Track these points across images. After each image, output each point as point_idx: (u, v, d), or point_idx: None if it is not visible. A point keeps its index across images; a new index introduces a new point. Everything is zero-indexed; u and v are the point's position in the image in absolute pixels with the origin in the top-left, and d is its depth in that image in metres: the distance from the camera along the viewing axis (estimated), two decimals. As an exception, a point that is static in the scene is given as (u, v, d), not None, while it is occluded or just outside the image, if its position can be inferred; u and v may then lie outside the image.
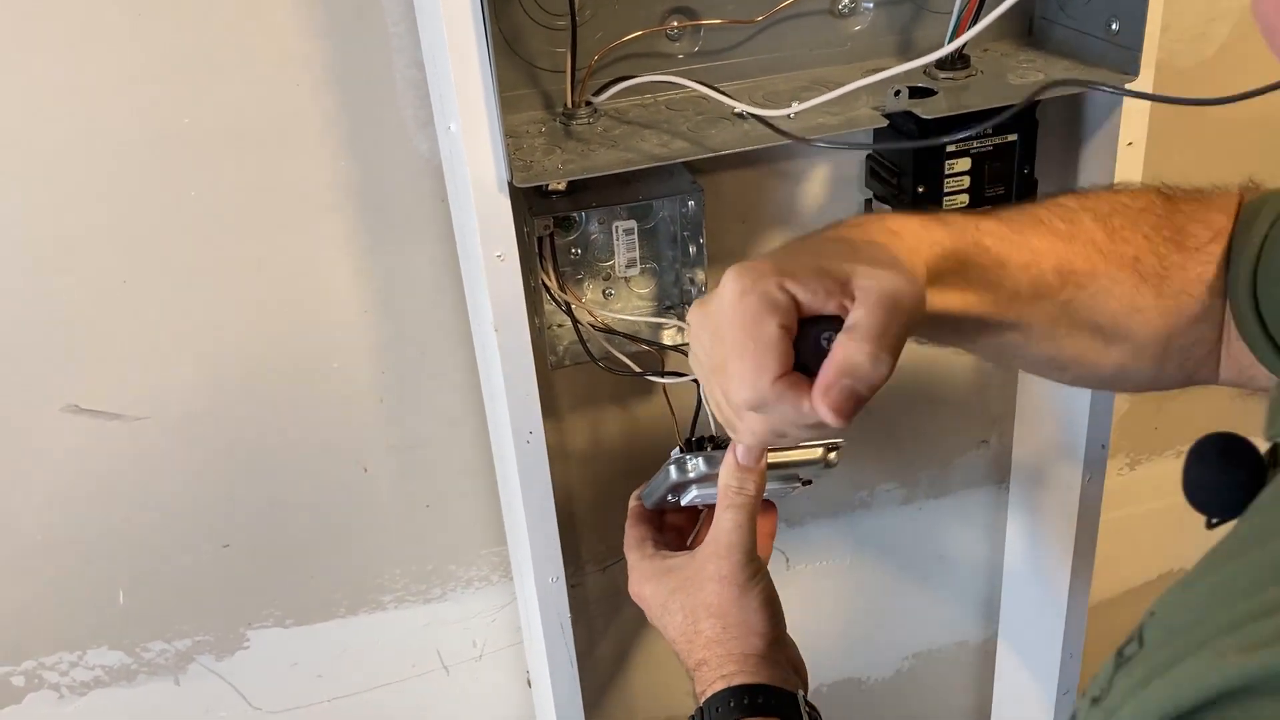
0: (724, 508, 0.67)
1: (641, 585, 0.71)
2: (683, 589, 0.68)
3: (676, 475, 0.70)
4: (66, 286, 0.75)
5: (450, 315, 0.83)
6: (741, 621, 0.66)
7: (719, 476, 0.67)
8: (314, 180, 0.76)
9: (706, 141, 0.68)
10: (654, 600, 0.70)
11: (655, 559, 0.71)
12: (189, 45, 0.70)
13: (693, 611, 0.67)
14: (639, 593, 0.72)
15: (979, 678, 1.18)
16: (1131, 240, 0.63)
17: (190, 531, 0.85)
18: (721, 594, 0.66)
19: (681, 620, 0.68)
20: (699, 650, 0.67)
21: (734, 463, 0.66)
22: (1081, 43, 0.76)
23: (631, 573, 0.73)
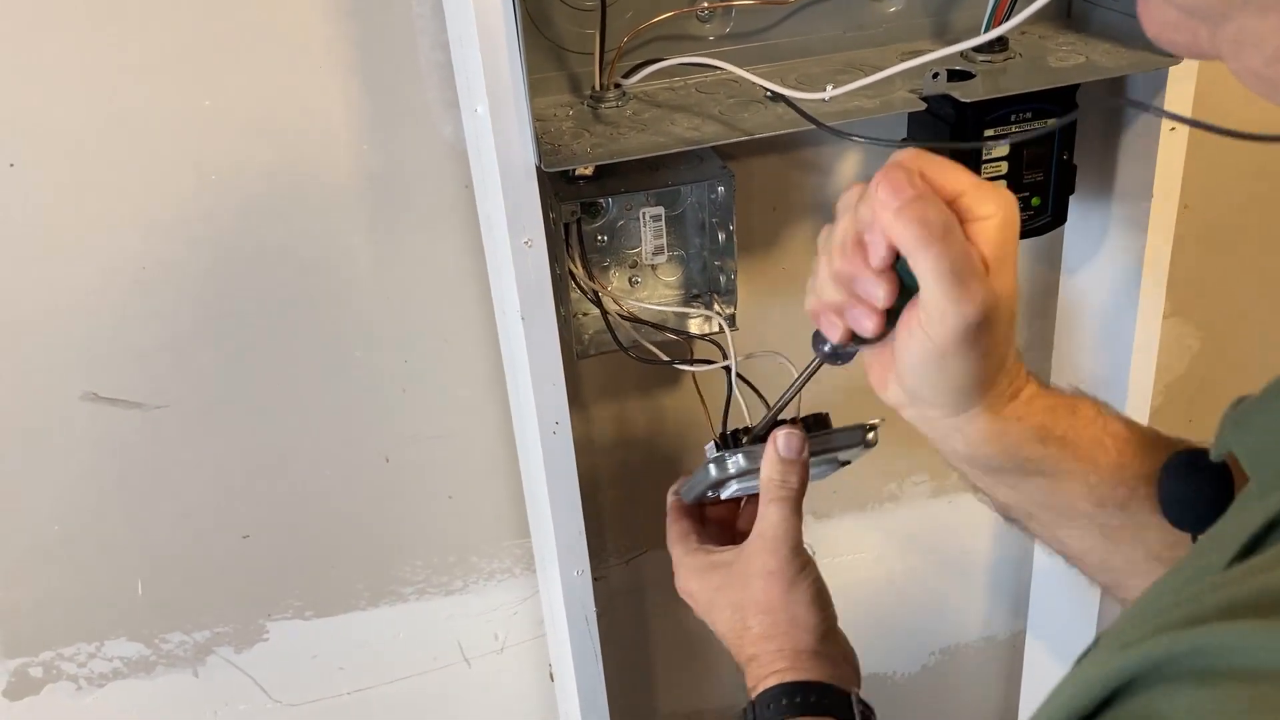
0: (768, 501, 0.65)
1: (688, 581, 0.70)
2: (730, 585, 0.67)
3: (716, 473, 0.68)
4: (85, 272, 0.74)
5: (474, 303, 0.81)
6: (790, 617, 0.65)
7: (761, 470, 0.65)
8: (336, 164, 0.75)
9: (739, 125, 0.67)
10: (701, 596, 0.69)
11: (700, 554, 0.70)
12: (210, 28, 0.69)
13: (741, 608, 0.66)
14: (686, 589, 0.70)
15: (1007, 673, 1.16)
16: None
17: (209, 522, 0.84)
18: (769, 589, 0.65)
19: (730, 616, 0.67)
20: (749, 646, 0.66)
21: (775, 455, 0.65)
22: (1123, 25, 0.74)
23: (677, 569, 0.71)
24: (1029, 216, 0.79)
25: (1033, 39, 0.77)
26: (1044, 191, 0.78)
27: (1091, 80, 0.71)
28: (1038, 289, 0.95)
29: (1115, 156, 0.81)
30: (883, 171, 0.54)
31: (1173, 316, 1.01)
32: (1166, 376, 1.05)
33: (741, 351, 0.87)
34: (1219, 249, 1.00)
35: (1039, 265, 0.93)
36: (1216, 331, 1.04)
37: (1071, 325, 0.92)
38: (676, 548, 0.72)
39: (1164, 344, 0.94)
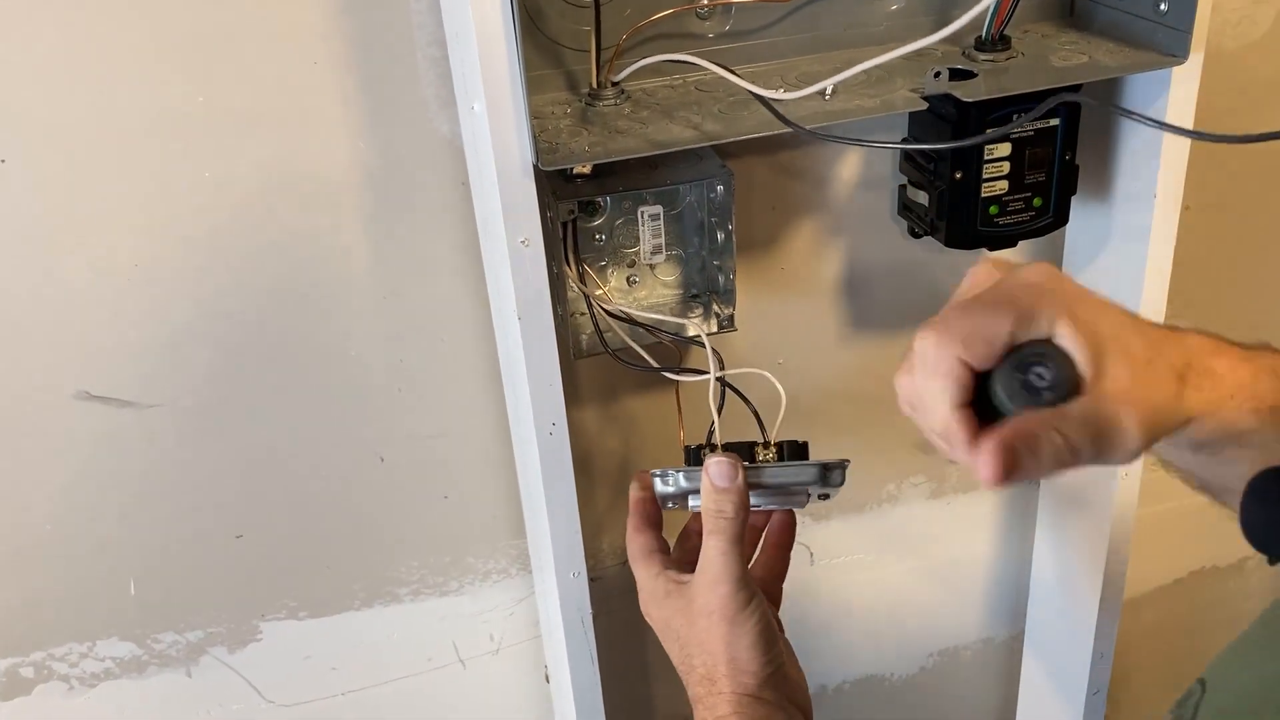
0: (708, 533, 0.64)
1: (647, 605, 0.68)
2: (678, 618, 0.65)
3: (660, 488, 0.67)
4: (78, 269, 0.73)
5: (470, 302, 0.81)
6: (731, 659, 0.63)
7: (702, 501, 0.64)
8: (332, 162, 0.74)
9: (738, 124, 0.66)
10: (658, 624, 0.67)
11: (660, 579, 0.68)
12: (204, 22, 0.68)
13: (685, 645, 0.65)
14: (646, 612, 0.69)
15: (1004, 676, 1.16)
16: None
17: (203, 521, 0.84)
18: (711, 630, 0.63)
19: (678, 651, 0.65)
20: (693, 685, 0.64)
21: (709, 484, 0.63)
22: (1127, 24, 0.74)
23: (640, 590, 0.69)
24: (1031, 217, 0.78)
25: (1035, 38, 0.76)
26: (1046, 192, 0.78)
27: (1095, 80, 0.71)
28: (1038, 290, 0.94)
29: (1118, 157, 0.80)
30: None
31: (1175, 318, 1.01)
32: (1167, 378, 1.04)
33: (739, 352, 0.87)
34: (1221, 251, 0.99)
35: (1040, 266, 0.93)
36: (1218, 333, 1.04)
37: (1072, 326, 0.92)
38: (638, 566, 0.69)
39: (1165, 346, 0.93)
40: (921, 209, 0.80)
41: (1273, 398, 0.54)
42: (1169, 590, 1.20)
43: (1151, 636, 1.21)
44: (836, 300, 0.89)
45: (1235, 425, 0.54)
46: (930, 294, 0.91)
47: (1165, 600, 1.20)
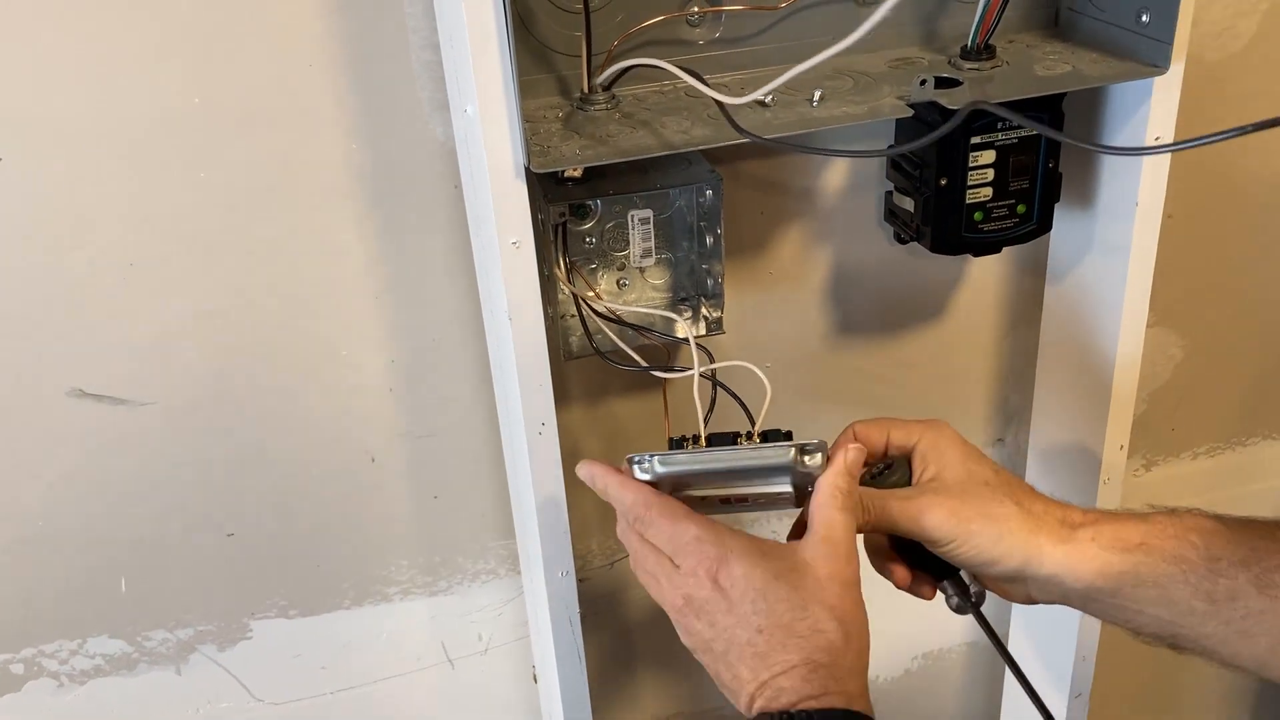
0: (838, 510, 0.61)
1: (729, 561, 0.59)
2: (791, 577, 0.59)
3: (637, 474, 0.65)
4: (73, 268, 0.73)
5: (462, 303, 0.81)
6: (862, 635, 0.60)
7: (827, 477, 0.63)
8: (326, 163, 0.75)
9: (725, 131, 0.67)
10: (747, 580, 0.59)
11: (739, 534, 0.61)
12: (200, 23, 0.69)
13: (805, 607, 0.58)
14: (726, 570, 0.59)
15: (988, 679, 1.17)
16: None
17: (194, 519, 0.84)
18: (845, 599, 0.59)
19: (786, 611, 0.58)
20: (808, 650, 0.58)
21: (847, 467, 0.63)
22: (1110, 34, 0.75)
23: (701, 546, 0.60)
24: (1015, 224, 0.79)
25: (1020, 47, 0.77)
26: (1030, 199, 0.79)
27: (1078, 89, 0.72)
28: (1023, 296, 0.95)
29: (1100, 165, 0.81)
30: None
31: (1156, 325, 1.02)
32: (1150, 385, 1.06)
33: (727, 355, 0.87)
34: (1202, 258, 1.00)
35: (1024, 273, 0.94)
36: (1199, 341, 1.05)
37: (1056, 333, 0.93)
38: (690, 520, 0.62)
39: (1148, 353, 0.94)
40: (907, 215, 0.81)
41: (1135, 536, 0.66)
42: (1151, 595, 1.21)
43: (1133, 640, 1.22)
44: (824, 304, 0.90)
45: (1110, 568, 0.65)
46: (916, 298, 0.93)
47: (1147, 605, 1.21)
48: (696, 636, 0.61)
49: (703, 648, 0.61)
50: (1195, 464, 1.13)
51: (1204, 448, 1.13)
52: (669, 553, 0.62)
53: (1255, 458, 1.15)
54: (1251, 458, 1.15)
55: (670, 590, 0.62)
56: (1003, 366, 0.98)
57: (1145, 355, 0.87)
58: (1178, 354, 1.05)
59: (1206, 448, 1.13)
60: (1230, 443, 1.13)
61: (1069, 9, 0.78)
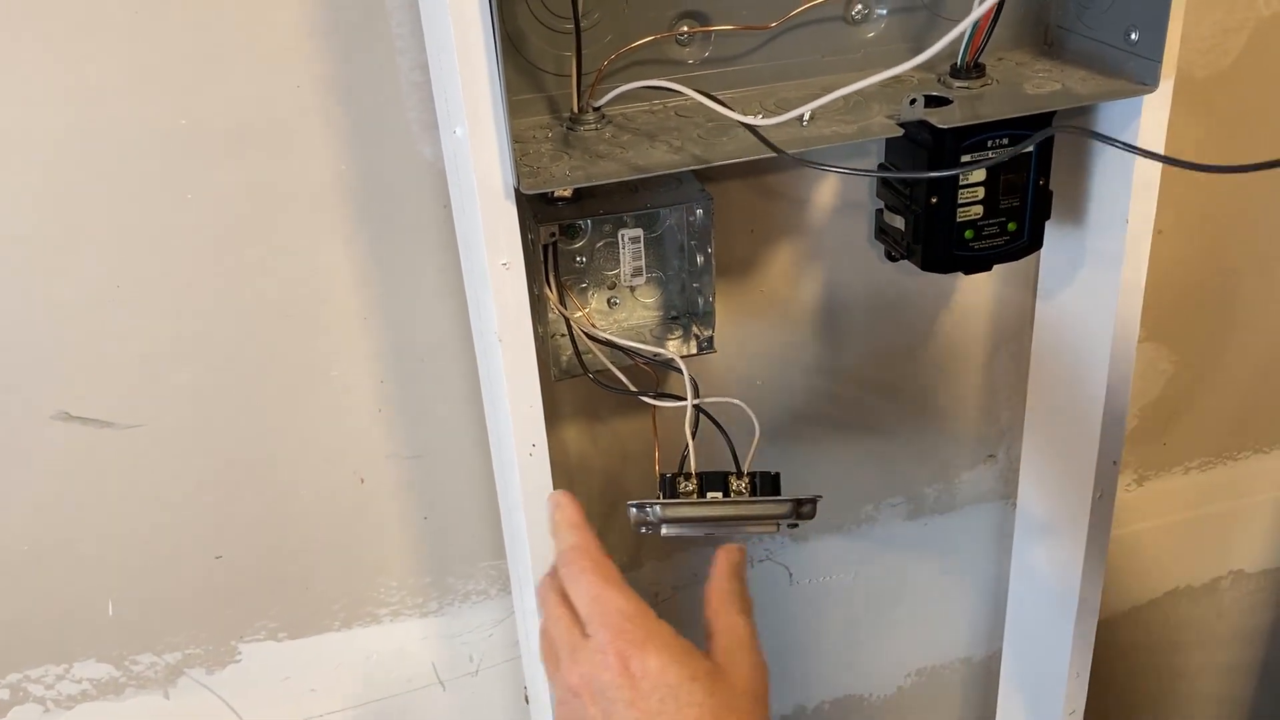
0: (738, 613, 0.62)
1: (648, 649, 0.56)
2: (707, 683, 0.57)
3: (635, 515, 0.67)
4: (59, 289, 0.73)
5: (451, 324, 0.81)
6: None
7: (715, 580, 0.64)
8: (314, 184, 0.74)
9: (717, 149, 0.67)
10: (661, 675, 0.56)
11: (669, 631, 0.58)
12: (188, 44, 0.69)
13: (716, 717, 0.56)
14: (641, 658, 0.56)
15: (982, 695, 1.17)
16: None
17: (182, 542, 0.84)
18: (755, 714, 0.58)
19: (695, 719, 0.55)
20: None
21: (733, 570, 0.64)
22: (1099, 52, 0.75)
23: (624, 621, 0.57)
24: (1006, 241, 0.79)
25: (1010, 65, 0.77)
26: (1020, 217, 0.79)
27: (1067, 107, 0.72)
28: (1014, 312, 0.95)
29: (1091, 183, 0.81)
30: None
31: (1147, 340, 1.02)
32: (1142, 400, 1.06)
33: (718, 373, 0.87)
34: (1192, 274, 1.01)
35: (1015, 290, 0.94)
36: (1190, 355, 1.05)
37: (1048, 349, 0.93)
38: (625, 595, 0.59)
39: (1139, 368, 0.95)
40: (898, 233, 0.81)
41: None
42: (1144, 610, 1.21)
43: (1127, 656, 1.22)
44: (815, 322, 0.89)
45: None
46: (907, 316, 0.93)
47: (1140, 620, 1.21)
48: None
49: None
50: (1187, 478, 1.13)
51: (1196, 462, 1.13)
52: (584, 616, 0.59)
53: (1247, 472, 1.16)
54: (1243, 472, 1.15)
55: (570, 667, 0.58)
56: (994, 382, 0.98)
57: (1137, 370, 0.87)
58: (1169, 369, 1.05)
59: (1199, 462, 1.13)
60: (1222, 457, 1.14)
61: (1058, 27, 0.78)
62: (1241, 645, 1.30)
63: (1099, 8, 0.74)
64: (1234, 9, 0.88)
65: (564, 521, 0.64)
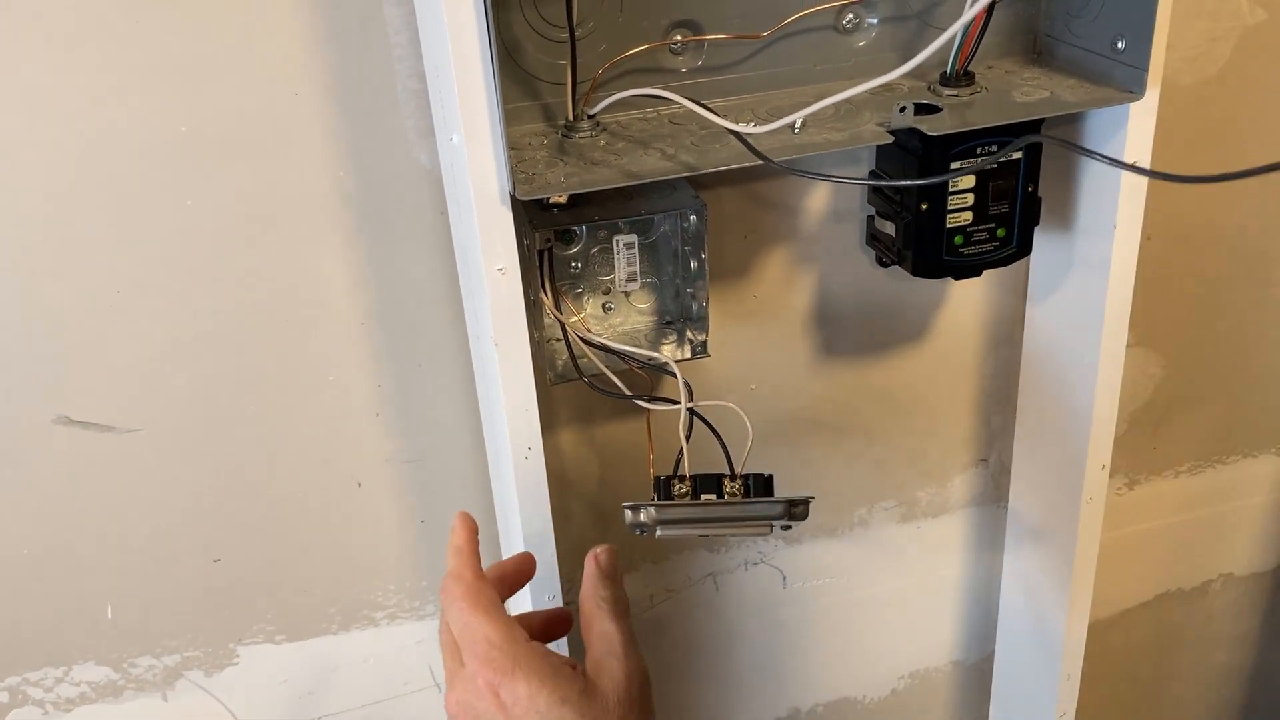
0: (611, 619, 0.62)
1: (516, 678, 0.57)
2: (579, 703, 0.58)
3: (630, 518, 0.68)
4: (59, 295, 0.74)
5: (448, 328, 0.82)
6: None
7: (586, 589, 0.65)
8: (312, 191, 0.75)
9: (710, 156, 0.68)
10: (530, 702, 0.57)
11: (539, 650, 0.60)
12: (188, 52, 0.69)
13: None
14: (510, 687, 0.57)
15: (975, 698, 1.17)
16: None
17: (181, 545, 0.84)
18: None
19: None
20: None
21: (601, 575, 0.64)
22: (1087, 61, 0.76)
23: (479, 652, 0.58)
24: (995, 247, 0.80)
25: (999, 73, 0.78)
26: (1009, 223, 0.80)
27: (1055, 115, 0.73)
28: (1004, 318, 0.96)
29: (1079, 189, 0.82)
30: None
31: (1137, 345, 1.03)
32: (1131, 405, 1.07)
33: (712, 378, 0.88)
34: (1181, 279, 1.01)
35: (1005, 295, 0.95)
36: (1179, 360, 1.06)
37: (1037, 354, 0.94)
38: (491, 621, 0.59)
39: (1128, 373, 0.95)
40: (889, 239, 0.82)
41: None
42: (1135, 613, 1.22)
43: (1118, 659, 1.23)
44: (807, 327, 0.90)
45: None
46: (898, 321, 0.93)
47: (1131, 623, 1.22)
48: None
49: None
50: (1177, 482, 1.14)
51: (1185, 466, 1.14)
52: (460, 642, 0.60)
53: (1236, 476, 1.16)
54: (1232, 476, 1.16)
55: (449, 694, 0.60)
56: (985, 387, 0.99)
57: (1126, 375, 0.88)
58: (1158, 373, 1.06)
59: (1188, 466, 1.14)
60: (1211, 461, 1.15)
61: (1047, 35, 0.80)
62: (1231, 648, 1.31)
63: (1087, 17, 0.75)
64: (1220, 18, 0.89)
65: (450, 545, 0.64)
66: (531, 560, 0.69)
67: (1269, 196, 1.00)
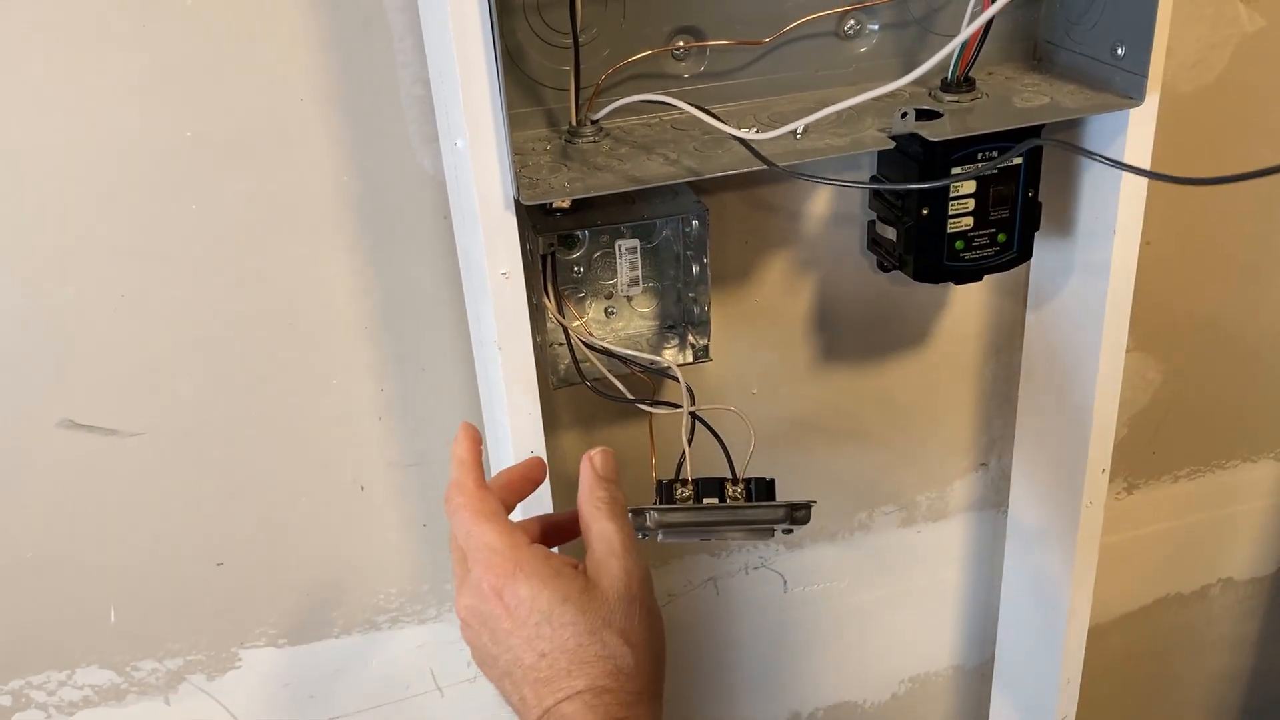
0: (608, 518, 0.62)
1: (517, 580, 0.58)
2: (581, 600, 0.59)
3: (634, 522, 0.68)
4: (64, 299, 0.74)
5: (451, 333, 0.82)
6: (654, 656, 0.61)
7: (584, 491, 0.64)
8: (316, 195, 0.75)
9: (712, 162, 0.68)
10: (532, 602, 0.58)
11: (539, 551, 0.61)
12: (193, 57, 0.70)
13: (593, 632, 0.58)
14: (512, 588, 0.58)
15: (975, 702, 1.18)
16: None
17: (184, 549, 0.84)
18: (633, 618, 0.60)
19: (572, 637, 0.58)
20: (593, 676, 0.58)
21: (598, 476, 0.64)
22: (1087, 67, 0.76)
23: (483, 558, 0.59)
24: (995, 252, 0.81)
25: (999, 79, 0.79)
26: (1010, 228, 0.80)
27: (1055, 121, 0.73)
28: (1004, 323, 0.96)
29: (1079, 194, 0.83)
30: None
31: (1136, 350, 1.04)
32: (1130, 409, 1.07)
33: (713, 382, 0.88)
34: (1180, 284, 1.02)
35: (1005, 300, 0.95)
36: (1179, 365, 1.07)
37: (1038, 359, 0.94)
38: (493, 526, 0.60)
39: (1128, 377, 0.96)
40: (890, 244, 0.82)
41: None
42: (1134, 617, 1.22)
43: (1117, 663, 1.23)
44: (809, 331, 0.91)
45: None
46: (899, 326, 0.94)
47: (1131, 627, 1.22)
48: (481, 650, 0.60)
49: (488, 661, 0.60)
50: (1176, 487, 1.14)
51: (1185, 470, 1.14)
52: (464, 549, 0.61)
53: (1235, 480, 1.17)
54: (1232, 480, 1.17)
55: (458, 599, 0.61)
56: (985, 391, 0.99)
57: (1126, 380, 0.88)
58: (1157, 378, 1.07)
59: (1187, 470, 1.14)
60: (1211, 465, 1.15)
61: (1047, 42, 0.80)
62: (1231, 652, 1.31)
63: (1086, 24, 0.76)
64: (1218, 25, 0.90)
65: (453, 455, 0.64)
66: (539, 465, 0.69)
67: (1268, 201, 1.01)
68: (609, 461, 0.65)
